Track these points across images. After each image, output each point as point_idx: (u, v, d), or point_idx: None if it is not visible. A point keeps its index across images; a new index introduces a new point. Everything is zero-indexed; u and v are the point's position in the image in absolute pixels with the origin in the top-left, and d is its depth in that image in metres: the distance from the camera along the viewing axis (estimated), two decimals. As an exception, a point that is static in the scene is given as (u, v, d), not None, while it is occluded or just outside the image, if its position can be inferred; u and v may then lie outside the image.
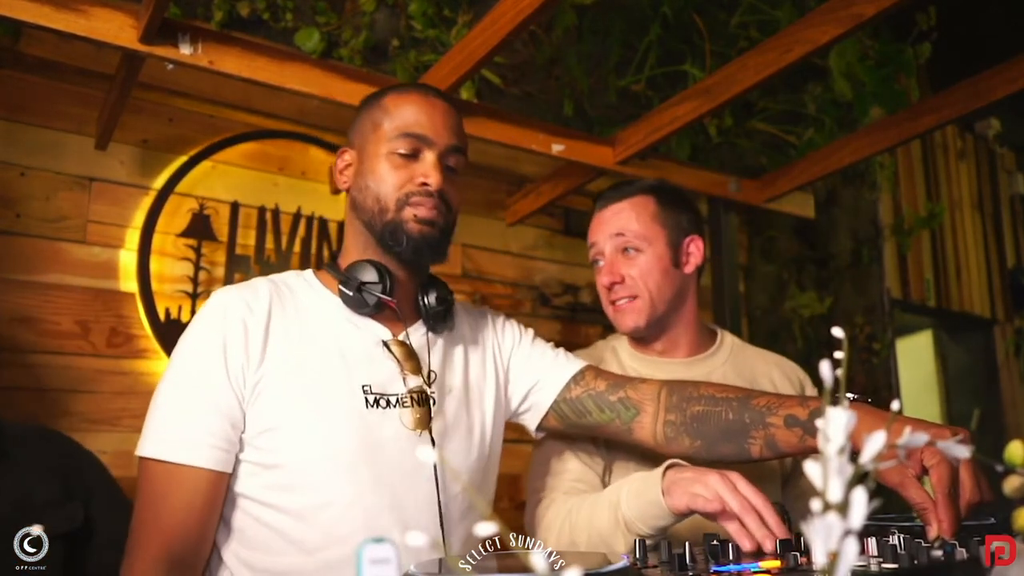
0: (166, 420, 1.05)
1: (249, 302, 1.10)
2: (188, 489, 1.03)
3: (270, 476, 1.06)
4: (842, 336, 0.49)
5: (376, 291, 1.13)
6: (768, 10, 2.91)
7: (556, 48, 2.83)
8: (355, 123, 1.23)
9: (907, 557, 0.74)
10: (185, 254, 2.16)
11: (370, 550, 0.45)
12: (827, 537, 0.41)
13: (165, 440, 1.04)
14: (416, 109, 1.16)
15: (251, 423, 1.06)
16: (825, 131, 3.14)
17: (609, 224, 1.53)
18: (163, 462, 1.03)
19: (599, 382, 1.28)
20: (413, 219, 1.13)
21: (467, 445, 1.20)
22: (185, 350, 1.10)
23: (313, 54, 2.25)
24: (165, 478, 1.03)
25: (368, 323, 1.16)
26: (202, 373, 1.06)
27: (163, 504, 1.03)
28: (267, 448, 1.06)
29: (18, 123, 1.98)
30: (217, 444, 1.04)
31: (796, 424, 1.10)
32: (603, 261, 1.54)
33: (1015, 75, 1.80)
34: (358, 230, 1.19)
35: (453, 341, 1.26)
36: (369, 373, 1.12)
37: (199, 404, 1.04)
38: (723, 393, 1.20)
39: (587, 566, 0.68)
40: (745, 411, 1.16)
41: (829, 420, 0.43)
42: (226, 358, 1.06)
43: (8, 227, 1.94)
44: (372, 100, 1.22)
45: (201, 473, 1.03)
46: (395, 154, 1.14)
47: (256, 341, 1.08)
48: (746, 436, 1.15)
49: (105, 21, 1.47)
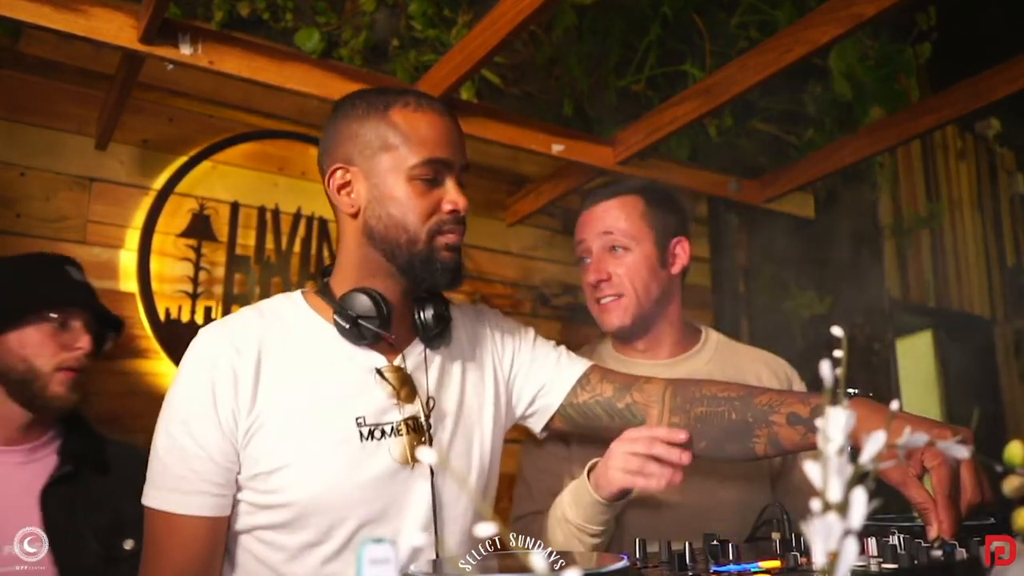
0: (162, 470, 1.06)
1: (238, 345, 1.08)
2: (187, 536, 1.04)
3: (265, 516, 1.07)
4: (842, 336, 0.49)
5: (373, 325, 1.10)
6: (768, 10, 2.90)
7: (556, 48, 2.83)
8: (349, 135, 1.14)
9: (907, 557, 0.74)
10: (185, 254, 2.16)
11: (370, 550, 0.45)
12: (827, 537, 0.41)
13: (162, 491, 1.05)
14: (433, 129, 1.11)
15: (246, 466, 1.06)
16: (825, 131, 3.13)
17: (597, 222, 1.52)
18: (163, 512, 1.04)
19: (605, 386, 1.27)
20: (445, 248, 1.11)
21: (466, 466, 1.18)
22: (175, 399, 1.08)
23: (313, 54, 2.25)
24: (165, 527, 1.04)
25: (361, 352, 1.14)
26: (193, 422, 1.05)
27: (165, 552, 1.04)
28: (263, 490, 1.06)
29: (18, 123, 1.98)
30: (213, 491, 1.04)
31: (799, 422, 1.10)
32: (590, 259, 1.53)
33: (1015, 75, 1.80)
34: (368, 257, 1.13)
35: (451, 356, 1.23)
36: (363, 404, 1.10)
37: (192, 453, 1.04)
38: (725, 392, 1.20)
39: (587, 566, 0.68)
40: (748, 410, 1.16)
41: (829, 420, 0.43)
42: (216, 406, 1.04)
43: (8, 227, 1.94)
44: (371, 112, 1.13)
45: (198, 521, 1.04)
46: (419, 180, 1.09)
47: (246, 386, 1.06)
48: (750, 435, 1.15)
49: (105, 21, 1.47)
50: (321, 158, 1.20)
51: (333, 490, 1.05)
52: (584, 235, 1.54)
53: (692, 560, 0.81)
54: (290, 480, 1.04)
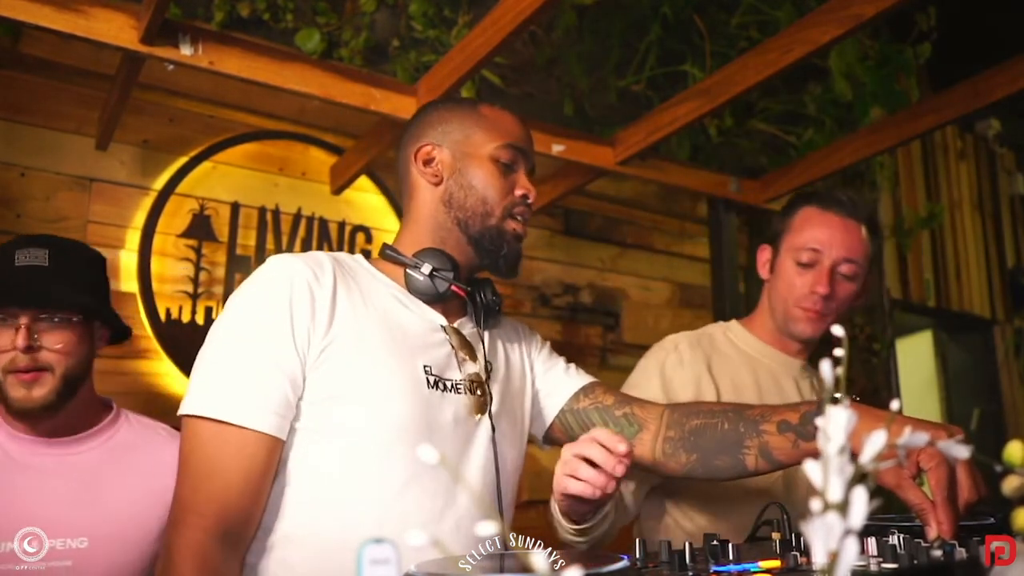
0: (223, 378, 0.98)
1: (314, 270, 1.07)
2: (247, 455, 0.96)
3: (328, 445, 1.02)
4: (842, 336, 0.49)
5: (447, 278, 1.15)
6: (768, 10, 2.91)
7: (556, 48, 2.83)
8: (439, 122, 1.22)
9: (907, 557, 0.74)
10: (186, 254, 2.16)
11: (370, 550, 0.45)
12: (827, 537, 0.41)
13: (221, 399, 0.96)
14: (514, 124, 1.23)
15: (312, 389, 1.01)
16: (825, 131, 3.14)
17: (844, 241, 1.51)
18: (219, 422, 0.96)
19: (607, 397, 1.29)
20: (513, 232, 1.19)
21: (513, 435, 1.22)
22: (245, 305, 1.04)
23: (313, 54, 2.25)
24: (220, 441, 0.96)
25: (423, 308, 1.16)
26: (265, 331, 1.00)
27: (219, 470, 0.95)
28: (328, 416, 1.02)
29: (18, 123, 1.98)
30: (278, 409, 0.98)
31: (788, 429, 1.10)
32: (820, 267, 1.51)
33: (1015, 75, 1.80)
34: (442, 223, 1.19)
35: (497, 338, 1.28)
36: (429, 355, 1.12)
37: (261, 363, 0.98)
38: (720, 407, 1.22)
39: (587, 566, 0.68)
40: (740, 421, 1.16)
41: (829, 419, 0.43)
42: (292, 319, 1.01)
43: (8, 227, 1.94)
44: (461, 108, 1.24)
45: (262, 437, 0.96)
46: (498, 162, 1.19)
47: (323, 307, 1.04)
48: (740, 446, 1.15)
49: (105, 22, 1.47)
50: (403, 147, 1.25)
51: (401, 423, 1.04)
52: (825, 244, 1.51)
53: (692, 560, 0.81)
54: (359, 407, 1.02)
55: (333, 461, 1.02)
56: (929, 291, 4.44)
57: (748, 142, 3.20)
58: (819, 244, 1.51)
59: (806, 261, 1.52)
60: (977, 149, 5.09)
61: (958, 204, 4.84)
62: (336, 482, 1.02)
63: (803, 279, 1.52)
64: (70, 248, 1.37)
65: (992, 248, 5.04)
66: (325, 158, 2.42)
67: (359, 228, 2.46)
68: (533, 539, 0.72)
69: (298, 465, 1.02)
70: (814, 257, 1.51)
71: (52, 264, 1.29)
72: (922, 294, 4.38)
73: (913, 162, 4.54)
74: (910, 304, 4.29)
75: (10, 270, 1.28)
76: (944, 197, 4.69)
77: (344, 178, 2.36)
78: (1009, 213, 5.26)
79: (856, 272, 1.52)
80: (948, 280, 4.61)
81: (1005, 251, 5.11)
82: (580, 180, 2.38)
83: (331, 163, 2.42)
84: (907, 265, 4.31)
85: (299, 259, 1.08)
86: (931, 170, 4.67)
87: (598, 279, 2.99)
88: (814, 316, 1.52)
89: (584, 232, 2.99)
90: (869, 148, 2.20)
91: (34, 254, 1.29)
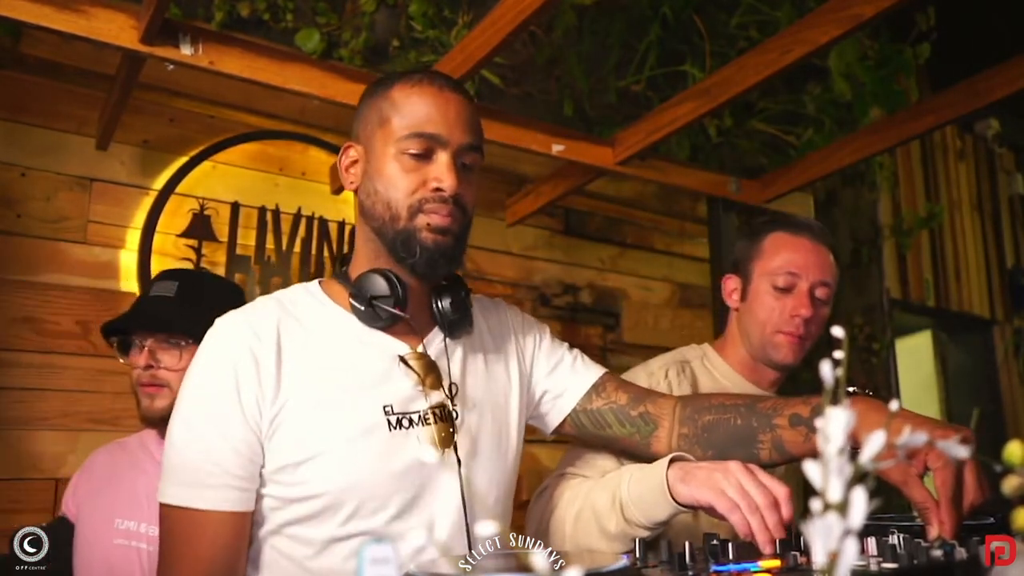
0: (182, 465, 1.00)
1: (256, 330, 1.03)
2: (212, 533, 0.98)
3: (293, 510, 1.02)
4: (842, 336, 0.49)
5: (388, 304, 1.06)
6: (768, 10, 2.91)
7: (556, 48, 2.83)
8: (360, 114, 1.13)
9: (907, 557, 0.74)
10: (186, 254, 2.16)
11: (370, 550, 0.45)
12: (827, 537, 0.41)
13: (181, 485, 0.99)
14: (428, 103, 1.06)
15: (271, 458, 1.01)
16: (825, 131, 3.14)
17: (819, 265, 1.52)
18: (184, 508, 0.99)
19: (620, 395, 1.25)
20: (427, 227, 1.05)
21: (496, 456, 1.16)
22: (194, 388, 1.03)
23: (313, 54, 2.25)
24: (188, 524, 0.99)
25: (382, 338, 1.09)
26: (215, 411, 1.00)
27: (188, 551, 0.99)
28: (290, 483, 1.01)
29: (19, 124, 1.98)
30: (238, 484, 0.99)
31: (800, 423, 1.10)
32: (798, 290, 1.51)
33: (1015, 75, 1.80)
34: (367, 236, 1.11)
35: (473, 347, 1.19)
36: (389, 392, 1.06)
37: (214, 445, 0.99)
38: (732, 401, 1.20)
39: (587, 566, 0.68)
40: (752, 415, 1.15)
41: (828, 419, 0.43)
42: (239, 394, 1.00)
43: (8, 227, 1.94)
44: (379, 89, 1.11)
45: (224, 516, 0.99)
46: (405, 155, 1.05)
47: (269, 372, 1.01)
48: (754, 441, 1.15)
49: (106, 22, 1.47)
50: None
51: (364, 479, 1.01)
52: (803, 268, 1.51)
53: (692, 560, 0.81)
54: (320, 470, 1.00)
55: (298, 525, 1.02)
56: (929, 291, 4.44)
57: (748, 142, 3.20)
58: (796, 268, 1.51)
59: (783, 285, 1.51)
60: (977, 149, 5.09)
61: (958, 204, 4.84)
62: (303, 544, 1.02)
63: (782, 303, 1.51)
64: (203, 281, 1.60)
65: (992, 248, 5.04)
66: (325, 158, 2.42)
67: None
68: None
69: (269, 529, 1.04)
70: (791, 281, 1.51)
71: (179, 295, 1.48)
72: (922, 294, 4.38)
73: (913, 162, 4.54)
74: (910, 304, 4.29)
75: (142, 300, 1.53)
76: (944, 197, 4.69)
77: (344, 178, 2.36)
78: (1009, 213, 5.26)
79: (830, 296, 1.53)
80: (948, 280, 4.60)
81: (1005, 251, 5.11)
82: (580, 180, 2.38)
83: (331, 163, 2.42)
84: (907, 265, 4.31)
85: (240, 322, 1.05)
86: (931, 170, 4.67)
87: (598, 279, 2.99)
88: (795, 341, 1.51)
89: (584, 232, 2.99)
90: (869, 148, 2.20)
91: (165, 286, 1.49)
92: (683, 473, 1.03)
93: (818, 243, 1.54)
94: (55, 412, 1.90)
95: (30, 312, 1.92)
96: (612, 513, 1.11)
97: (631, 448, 1.27)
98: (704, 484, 0.99)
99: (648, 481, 1.07)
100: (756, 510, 0.93)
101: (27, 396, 1.88)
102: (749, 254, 1.59)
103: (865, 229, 4.03)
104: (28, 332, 1.91)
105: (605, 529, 1.12)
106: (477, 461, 1.13)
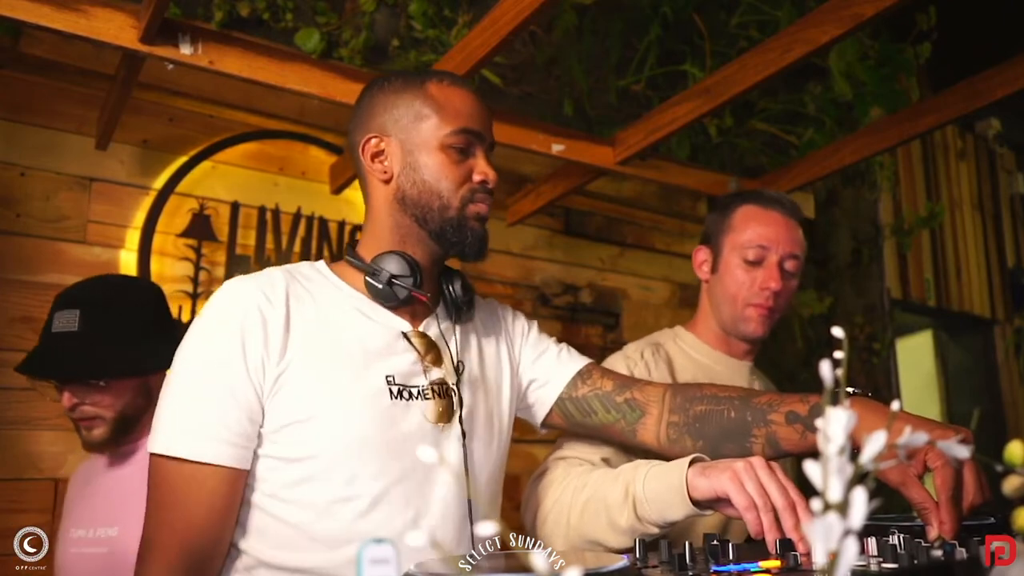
0: (180, 414, 1.00)
1: (267, 292, 1.05)
2: (207, 488, 0.98)
3: (293, 470, 1.02)
4: (842, 336, 0.49)
5: (407, 284, 1.11)
6: (768, 10, 2.91)
7: (556, 48, 2.83)
8: (384, 107, 1.16)
9: (907, 557, 0.74)
10: (185, 254, 2.16)
11: (370, 550, 0.45)
12: (827, 537, 0.41)
13: (180, 436, 0.98)
14: (467, 102, 1.15)
15: (271, 417, 1.01)
16: (825, 131, 3.14)
17: (789, 237, 1.54)
18: (179, 459, 0.98)
19: (605, 382, 1.27)
20: (475, 217, 1.14)
21: (489, 437, 1.18)
22: (198, 339, 1.04)
23: (313, 54, 2.25)
24: (182, 477, 0.98)
25: (386, 315, 1.13)
26: (219, 364, 1.00)
27: (180, 505, 0.98)
28: (290, 442, 1.02)
29: (19, 123, 1.98)
30: (236, 440, 0.99)
31: (797, 420, 1.10)
32: (768, 263, 1.53)
33: (1015, 75, 1.80)
34: (399, 222, 1.15)
35: (469, 332, 1.24)
36: (392, 364, 1.10)
37: (216, 397, 0.99)
38: (725, 392, 1.20)
39: (587, 566, 0.68)
40: (747, 409, 1.15)
41: (829, 420, 0.43)
42: (245, 349, 1.00)
43: (8, 227, 1.94)
44: (408, 86, 1.16)
45: (220, 471, 0.98)
46: (451, 148, 1.12)
47: (276, 333, 1.03)
48: (748, 435, 1.14)
49: (105, 21, 1.47)
50: (352, 132, 1.20)
51: (364, 441, 1.03)
52: (771, 240, 1.53)
53: (692, 560, 0.81)
54: (321, 430, 1.01)
55: (299, 487, 1.02)
56: (929, 291, 4.44)
57: (748, 142, 3.20)
58: (766, 241, 1.52)
59: (753, 258, 1.53)
60: (977, 149, 5.09)
61: (958, 204, 4.84)
62: (304, 507, 1.02)
63: (751, 276, 1.53)
64: (106, 301, 1.43)
65: (992, 248, 5.04)
66: (325, 158, 2.42)
67: (359, 228, 2.46)
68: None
69: (264, 492, 1.03)
70: (761, 254, 1.53)
71: (83, 328, 1.36)
72: (922, 294, 4.38)
73: (913, 162, 4.54)
74: (910, 304, 4.29)
75: (48, 336, 1.38)
76: (944, 197, 4.69)
77: (344, 178, 2.36)
78: (1009, 213, 5.26)
79: (798, 268, 1.55)
80: (948, 280, 4.61)
81: (1005, 251, 5.11)
82: (580, 180, 2.38)
83: (331, 163, 2.42)
84: (907, 265, 4.31)
85: (251, 283, 1.07)
86: (931, 170, 4.67)
87: (598, 279, 2.99)
88: (764, 313, 1.53)
89: (584, 232, 2.99)
90: (869, 148, 2.20)
91: (67, 318, 1.37)
92: (703, 467, 1.03)
93: (788, 217, 1.56)
94: (55, 412, 1.90)
95: (30, 312, 1.92)
96: (624, 507, 1.10)
97: (617, 436, 1.27)
98: (724, 475, 0.98)
99: (666, 479, 1.06)
100: (771, 509, 0.93)
101: (27, 396, 1.87)
102: (719, 227, 1.61)
103: (866, 229, 4.03)
104: (28, 332, 1.91)
105: (615, 523, 1.11)
106: (474, 437, 1.15)
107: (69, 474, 1.65)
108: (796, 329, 3.41)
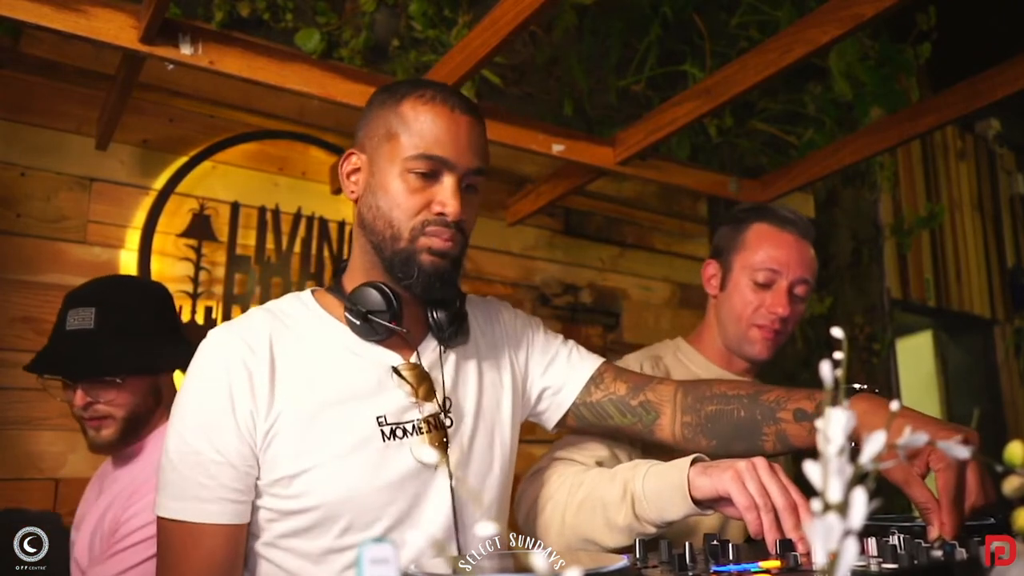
0: (178, 479, 1.01)
1: (249, 342, 1.03)
2: (208, 546, 0.99)
3: (288, 523, 1.03)
4: (842, 336, 0.49)
5: (384, 319, 1.06)
6: (768, 10, 2.90)
7: (556, 48, 2.83)
8: (366, 121, 1.12)
9: (907, 557, 0.74)
10: (185, 254, 2.16)
11: (370, 550, 0.45)
12: (827, 537, 0.41)
13: (180, 500, 1.00)
14: (438, 124, 1.05)
15: (266, 470, 1.01)
16: (825, 131, 3.13)
17: (801, 261, 1.52)
18: (181, 522, 1.00)
19: (619, 385, 1.25)
20: (427, 251, 1.05)
21: (487, 465, 1.16)
22: (188, 403, 1.04)
23: (313, 54, 2.25)
24: (184, 537, 1.00)
25: (375, 350, 1.10)
26: (210, 427, 1.00)
27: (185, 564, 1.00)
28: (284, 495, 1.02)
29: (19, 123, 1.98)
30: (234, 497, 1.00)
31: (805, 418, 1.10)
32: (778, 287, 1.51)
33: (1015, 75, 1.79)
34: (365, 248, 1.11)
35: (466, 353, 1.20)
36: (382, 403, 1.07)
37: (212, 460, 0.99)
38: (735, 391, 1.20)
39: (587, 566, 0.68)
40: (756, 407, 1.15)
41: (828, 420, 0.43)
42: (234, 408, 1.00)
43: (8, 227, 1.94)
44: (387, 101, 1.10)
45: (220, 529, 0.99)
46: (412, 174, 1.04)
47: (262, 385, 1.02)
48: (758, 433, 1.15)
49: (106, 21, 1.47)
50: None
51: (359, 492, 1.02)
52: (784, 264, 1.51)
53: (692, 560, 0.81)
54: (315, 483, 1.01)
55: (294, 538, 1.03)
56: (929, 291, 4.44)
57: (748, 142, 3.20)
58: (778, 264, 1.50)
59: (763, 281, 1.51)
60: (977, 149, 5.09)
61: (958, 204, 4.84)
62: (299, 556, 1.03)
63: (760, 297, 1.51)
64: (120, 300, 1.44)
65: (992, 248, 5.04)
66: (325, 158, 2.41)
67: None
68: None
69: (264, 540, 1.04)
70: (771, 277, 1.51)
71: (99, 325, 1.38)
72: (922, 294, 4.38)
73: (913, 162, 4.54)
74: (910, 304, 4.29)
75: (61, 334, 1.39)
76: (944, 197, 4.69)
77: (344, 178, 2.36)
78: (1009, 213, 5.26)
79: (808, 293, 1.54)
80: (948, 280, 4.61)
81: (1005, 251, 5.11)
82: (580, 180, 2.38)
83: (331, 163, 2.42)
84: (907, 265, 4.31)
85: (234, 335, 1.05)
86: (931, 170, 4.67)
87: (598, 279, 2.99)
88: (770, 336, 1.52)
89: (584, 232, 2.99)
90: (869, 148, 2.19)
91: (82, 315, 1.38)
92: (704, 467, 1.03)
93: (801, 238, 1.54)
94: (55, 412, 1.90)
95: (30, 312, 1.92)
96: (622, 506, 1.09)
97: (635, 436, 1.28)
98: (726, 474, 0.98)
99: (667, 478, 1.05)
100: (771, 509, 0.93)
101: (27, 396, 1.87)
102: (731, 243, 1.58)
103: (865, 229, 4.03)
104: (28, 332, 1.91)
105: (612, 521, 1.10)
106: (470, 468, 1.13)
107: (69, 474, 1.66)
108: (796, 329, 3.41)
